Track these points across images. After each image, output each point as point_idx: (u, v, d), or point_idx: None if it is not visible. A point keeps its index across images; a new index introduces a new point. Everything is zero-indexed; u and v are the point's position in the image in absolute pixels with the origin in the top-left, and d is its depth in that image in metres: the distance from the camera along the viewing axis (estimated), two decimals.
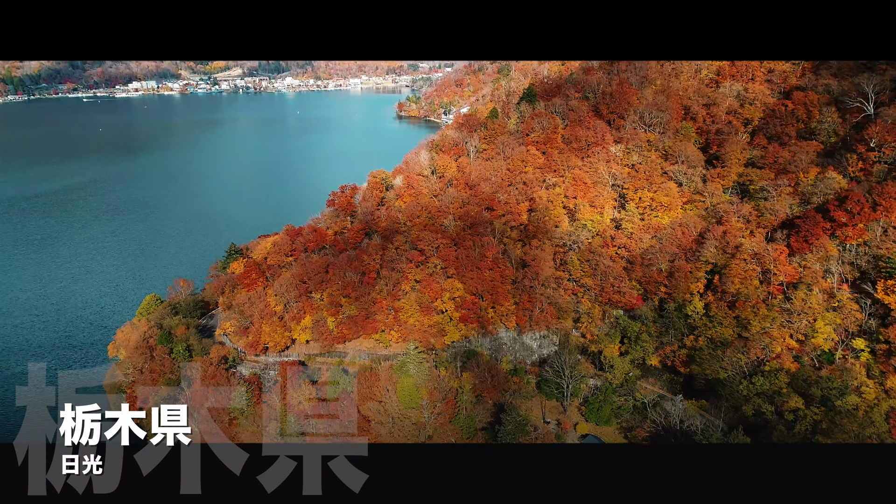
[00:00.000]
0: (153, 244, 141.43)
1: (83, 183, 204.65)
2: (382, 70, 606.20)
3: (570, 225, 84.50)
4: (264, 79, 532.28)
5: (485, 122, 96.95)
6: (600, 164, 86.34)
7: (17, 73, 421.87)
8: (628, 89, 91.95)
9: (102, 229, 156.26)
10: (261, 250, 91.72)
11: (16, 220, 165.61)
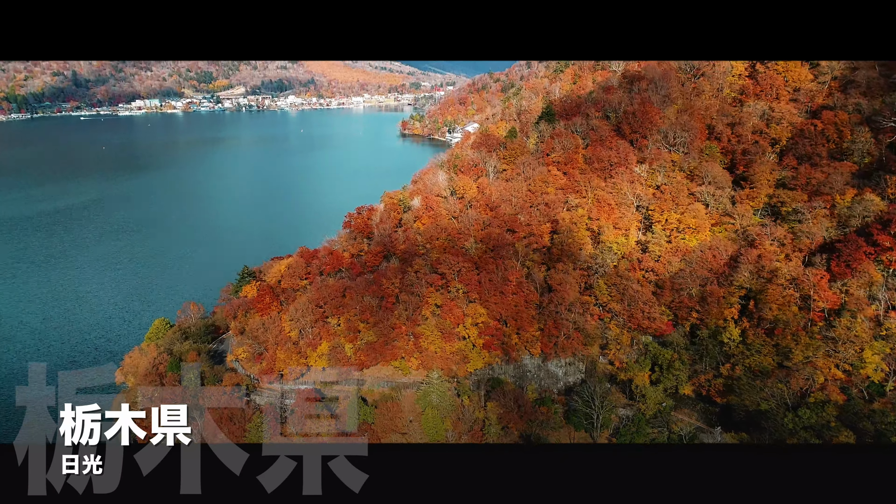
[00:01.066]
0: (159, 265, 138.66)
1: (87, 202, 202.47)
2: (385, 88, 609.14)
3: (595, 248, 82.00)
4: (267, 97, 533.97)
5: (504, 142, 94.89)
6: (624, 185, 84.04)
7: (21, 91, 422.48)
8: (650, 108, 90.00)
9: (107, 249, 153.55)
10: (274, 273, 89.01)
11: (18, 239, 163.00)
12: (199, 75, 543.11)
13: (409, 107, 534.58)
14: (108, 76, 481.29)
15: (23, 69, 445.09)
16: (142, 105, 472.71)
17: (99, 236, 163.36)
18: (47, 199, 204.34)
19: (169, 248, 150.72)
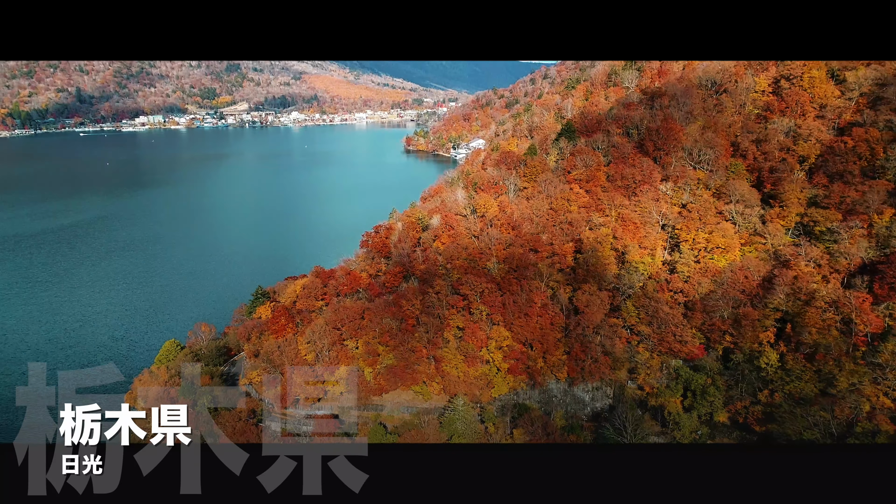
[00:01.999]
0: (166, 284, 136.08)
1: (91, 219, 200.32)
2: (387, 104, 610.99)
3: (620, 268, 79.69)
4: (270, 113, 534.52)
5: (524, 159, 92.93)
6: (649, 203, 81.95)
7: (25, 107, 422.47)
8: (673, 125, 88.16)
9: (112, 268, 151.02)
10: (289, 294, 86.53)
11: (22, 257, 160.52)
12: (202, 91, 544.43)
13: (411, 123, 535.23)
14: (111, 92, 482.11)
15: (27, 85, 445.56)
16: (145, 121, 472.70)
17: (104, 254, 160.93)
18: (51, 216, 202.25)
19: (175, 267, 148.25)
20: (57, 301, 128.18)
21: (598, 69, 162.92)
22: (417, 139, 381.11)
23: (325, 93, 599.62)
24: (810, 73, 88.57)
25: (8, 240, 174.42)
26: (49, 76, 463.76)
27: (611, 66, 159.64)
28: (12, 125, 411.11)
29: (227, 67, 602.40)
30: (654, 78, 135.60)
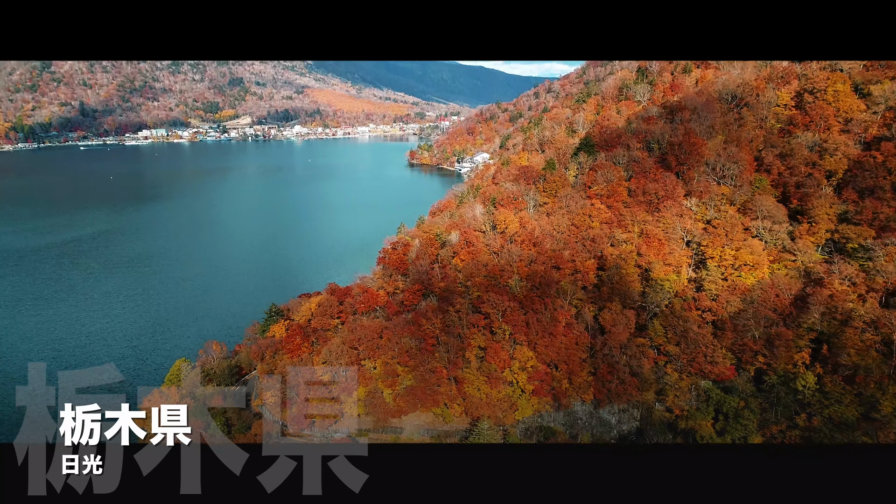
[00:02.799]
0: (172, 300, 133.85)
1: (95, 233, 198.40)
2: (390, 118, 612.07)
3: (644, 285, 77.64)
4: (273, 127, 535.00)
5: (543, 174, 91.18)
6: (673, 219, 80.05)
7: (29, 121, 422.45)
8: (696, 139, 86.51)
9: (118, 283, 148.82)
10: (304, 311, 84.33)
11: (26, 272, 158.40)
12: (205, 105, 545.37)
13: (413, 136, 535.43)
14: (115, 106, 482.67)
15: (30, 99, 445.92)
16: (148, 135, 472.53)
17: (109, 269, 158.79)
18: (55, 230, 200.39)
19: (182, 283, 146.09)
20: (61, 318, 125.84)
21: (608, 83, 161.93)
22: (421, 153, 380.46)
23: (327, 106, 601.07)
24: (835, 87, 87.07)
25: (11, 254, 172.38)
26: (52, 90, 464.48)
27: (621, 79, 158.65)
28: (15, 139, 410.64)
29: (230, 81, 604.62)
30: (666, 91, 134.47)
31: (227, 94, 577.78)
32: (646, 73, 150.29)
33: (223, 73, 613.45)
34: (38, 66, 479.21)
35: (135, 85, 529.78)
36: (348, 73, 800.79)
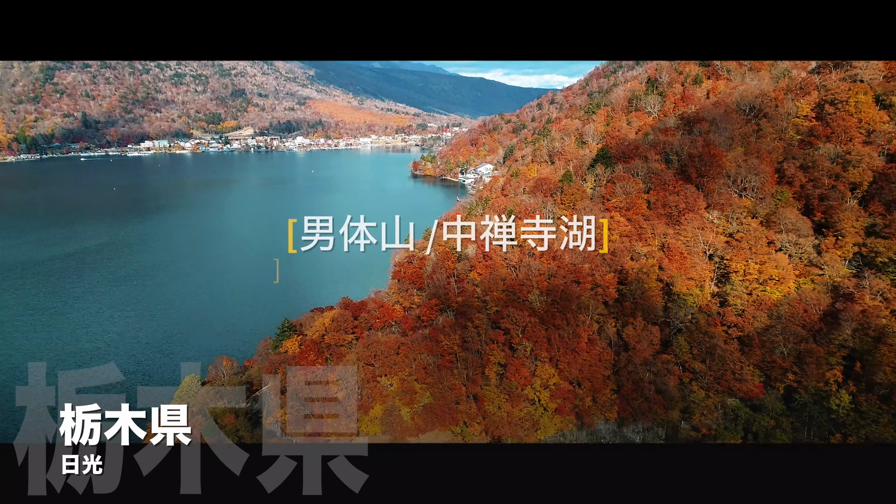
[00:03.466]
0: (178, 313, 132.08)
1: (99, 245, 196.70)
2: (392, 129, 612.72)
3: (667, 300, 75.97)
4: (275, 138, 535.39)
5: (560, 186, 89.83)
6: (695, 232, 78.51)
7: (31, 132, 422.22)
8: (716, 151, 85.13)
9: (122, 296, 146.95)
10: (317, 327, 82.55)
11: (30, 285, 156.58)
12: (207, 116, 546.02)
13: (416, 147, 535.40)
14: (117, 117, 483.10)
15: (33, 110, 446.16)
16: (150, 146, 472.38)
17: (114, 282, 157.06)
18: (58, 242, 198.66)
19: (189, 296, 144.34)
20: (65, 331, 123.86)
21: (618, 94, 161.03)
22: (425, 164, 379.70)
23: (329, 118, 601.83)
24: (856, 98, 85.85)
25: (15, 267, 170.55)
26: (55, 101, 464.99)
27: (631, 91, 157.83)
28: (18, 150, 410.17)
29: (233, 93, 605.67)
30: (677, 102, 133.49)
31: (230, 106, 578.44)
32: (656, 85, 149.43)
33: (225, 84, 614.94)
34: (41, 78, 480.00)
35: (137, 96, 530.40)
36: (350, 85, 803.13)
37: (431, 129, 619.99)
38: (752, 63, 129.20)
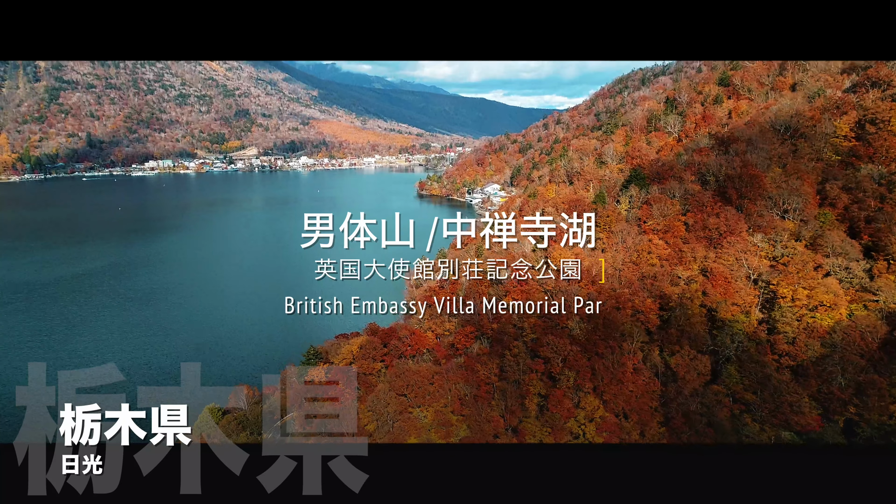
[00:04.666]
0: (191, 338, 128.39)
1: (107, 266, 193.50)
2: (395, 149, 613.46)
3: (711, 327, 72.77)
4: (280, 158, 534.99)
5: (594, 208, 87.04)
6: (741, 256, 75.61)
7: (36, 152, 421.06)
8: (755, 171, 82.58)
9: (130, 319, 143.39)
10: (344, 354, 79.18)
11: (37, 308, 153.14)
12: (211, 136, 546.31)
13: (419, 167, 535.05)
14: (121, 137, 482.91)
15: (38, 130, 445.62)
16: (154, 165, 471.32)
17: (123, 304, 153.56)
18: (65, 263, 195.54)
19: (201, 319, 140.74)
20: (73, 356, 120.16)
21: (636, 114, 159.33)
22: (431, 184, 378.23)
23: (333, 138, 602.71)
24: None
25: (21, 288, 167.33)
26: (60, 121, 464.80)
27: (650, 110, 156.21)
28: (22, 170, 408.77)
29: (236, 113, 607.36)
30: (698, 122, 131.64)
31: (234, 126, 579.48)
32: (675, 104, 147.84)
33: (229, 104, 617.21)
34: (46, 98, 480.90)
35: (142, 116, 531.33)
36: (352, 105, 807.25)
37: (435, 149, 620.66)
38: (775, 82, 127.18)
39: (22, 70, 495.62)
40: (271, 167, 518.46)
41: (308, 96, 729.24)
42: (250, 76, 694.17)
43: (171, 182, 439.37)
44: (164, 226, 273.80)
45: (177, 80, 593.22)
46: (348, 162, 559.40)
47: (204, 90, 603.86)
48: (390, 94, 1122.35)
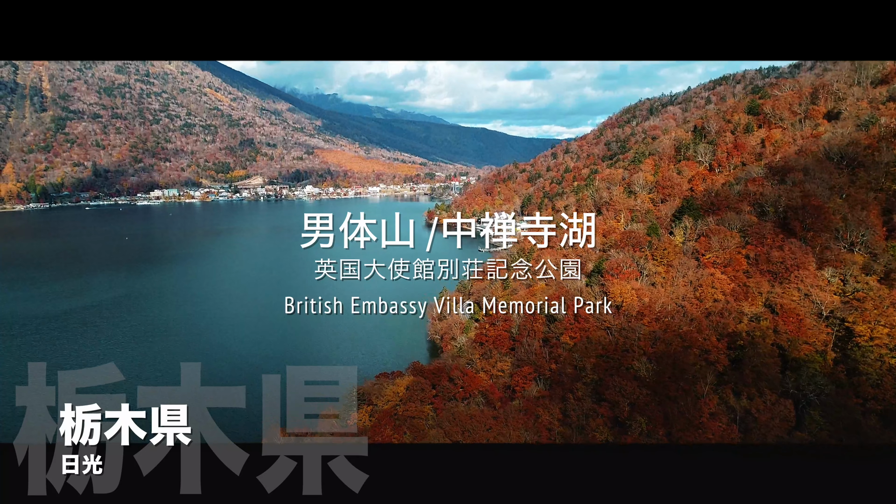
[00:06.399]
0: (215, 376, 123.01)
1: (116, 297, 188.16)
2: (400, 178, 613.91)
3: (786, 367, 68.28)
4: (285, 187, 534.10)
5: (650, 241, 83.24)
6: (810, 291, 71.49)
7: (41, 181, 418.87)
8: (817, 202, 79.01)
9: (146, 352, 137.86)
10: (389, 396, 74.30)
11: (46, 341, 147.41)
12: (216, 165, 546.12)
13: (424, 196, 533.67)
14: (127, 166, 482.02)
15: (43, 160, 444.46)
16: (159, 194, 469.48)
17: (137, 338, 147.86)
18: (73, 294, 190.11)
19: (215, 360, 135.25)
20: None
21: (664, 143, 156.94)
22: (439, 213, 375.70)
23: (338, 167, 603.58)
24: None
25: (30, 321, 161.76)
26: (66, 151, 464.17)
27: (678, 139, 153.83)
28: (27, 199, 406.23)
29: (241, 143, 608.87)
30: (731, 151, 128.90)
31: (238, 155, 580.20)
32: (703, 133, 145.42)
33: (234, 134, 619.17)
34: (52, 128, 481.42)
35: (147, 146, 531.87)
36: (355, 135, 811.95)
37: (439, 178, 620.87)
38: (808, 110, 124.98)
39: (29, 100, 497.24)
40: (277, 196, 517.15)
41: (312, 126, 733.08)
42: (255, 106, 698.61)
43: (176, 211, 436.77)
44: (172, 255, 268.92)
45: (182, 109, 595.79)
46: (353, 191, 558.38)
47: (209, 120, 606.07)
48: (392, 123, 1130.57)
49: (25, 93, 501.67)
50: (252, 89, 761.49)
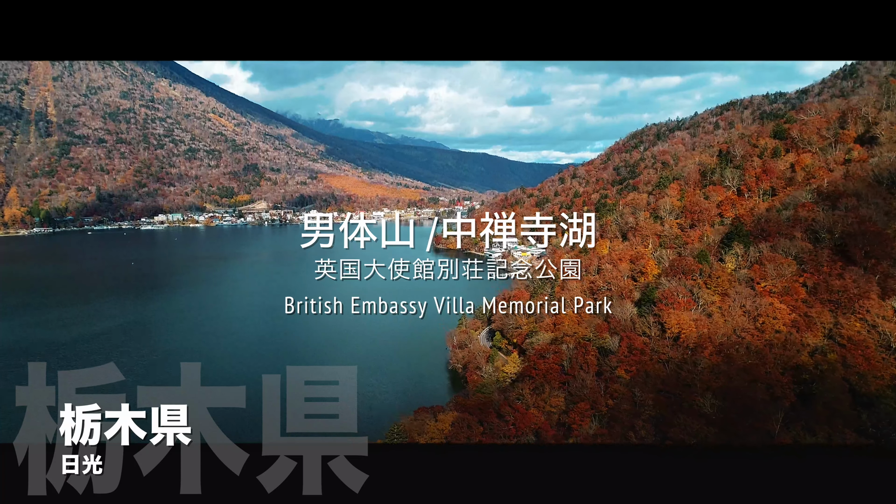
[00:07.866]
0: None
1: (126, 324, 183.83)
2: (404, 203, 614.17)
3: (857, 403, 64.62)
4: (289, 211, 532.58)
5: (701, 268, 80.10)
6: (877, 322, 68.10)
7: (45, 206, 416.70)
8: (876, 228, 76.07)
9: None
10: (432, 433, 70.28)
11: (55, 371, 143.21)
12: (220, 190, 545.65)
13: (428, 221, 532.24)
14: (131, 191, 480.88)
15: (48, 184, 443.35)
16: (164, 219, 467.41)
17: (150, 368, 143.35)
18: (82, 321, 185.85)
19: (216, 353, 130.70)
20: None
21: (688, 167, 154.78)
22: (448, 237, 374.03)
23: (341, 192, 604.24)
24: None
25: (37, 349, 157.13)
26: (70, 175, 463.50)
27: (703, 164, 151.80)
28: (31, 223, 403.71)
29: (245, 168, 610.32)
30: (760, 176, 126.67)
31: (243, 180, 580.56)
32: (729, 158, 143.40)
33: (238, 158, 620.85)
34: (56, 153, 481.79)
35: (151, 171, 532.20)
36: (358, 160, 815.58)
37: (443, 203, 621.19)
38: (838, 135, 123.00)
39: (34, 125, 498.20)
40: (281, 221, 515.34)
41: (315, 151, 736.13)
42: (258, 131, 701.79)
43: (181, 236, 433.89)
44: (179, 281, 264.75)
45: (186, 134, 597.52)
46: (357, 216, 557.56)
47: (213, 145, 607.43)
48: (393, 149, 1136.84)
49: (31, 118, 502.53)
50: (255, 115, 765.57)
